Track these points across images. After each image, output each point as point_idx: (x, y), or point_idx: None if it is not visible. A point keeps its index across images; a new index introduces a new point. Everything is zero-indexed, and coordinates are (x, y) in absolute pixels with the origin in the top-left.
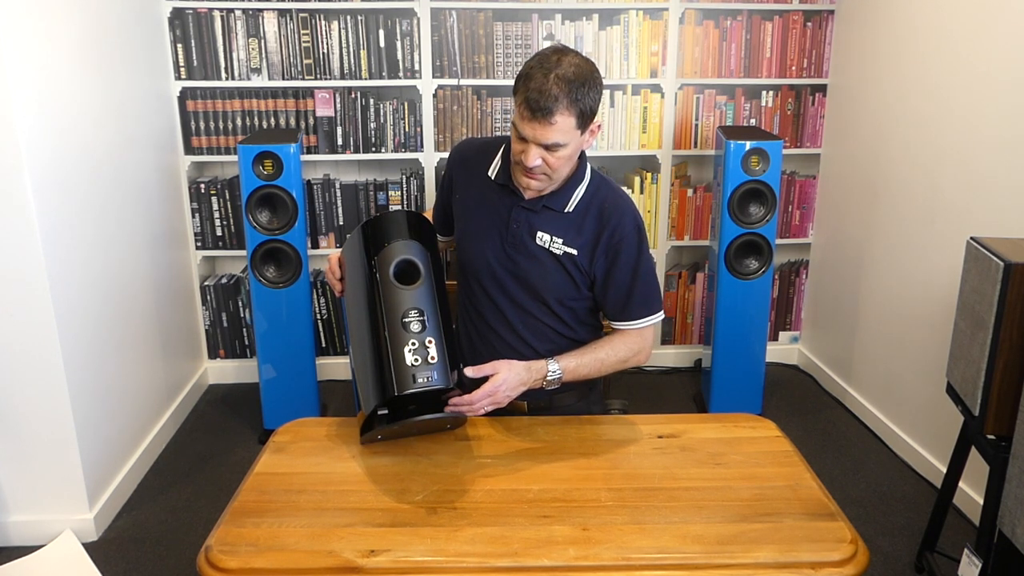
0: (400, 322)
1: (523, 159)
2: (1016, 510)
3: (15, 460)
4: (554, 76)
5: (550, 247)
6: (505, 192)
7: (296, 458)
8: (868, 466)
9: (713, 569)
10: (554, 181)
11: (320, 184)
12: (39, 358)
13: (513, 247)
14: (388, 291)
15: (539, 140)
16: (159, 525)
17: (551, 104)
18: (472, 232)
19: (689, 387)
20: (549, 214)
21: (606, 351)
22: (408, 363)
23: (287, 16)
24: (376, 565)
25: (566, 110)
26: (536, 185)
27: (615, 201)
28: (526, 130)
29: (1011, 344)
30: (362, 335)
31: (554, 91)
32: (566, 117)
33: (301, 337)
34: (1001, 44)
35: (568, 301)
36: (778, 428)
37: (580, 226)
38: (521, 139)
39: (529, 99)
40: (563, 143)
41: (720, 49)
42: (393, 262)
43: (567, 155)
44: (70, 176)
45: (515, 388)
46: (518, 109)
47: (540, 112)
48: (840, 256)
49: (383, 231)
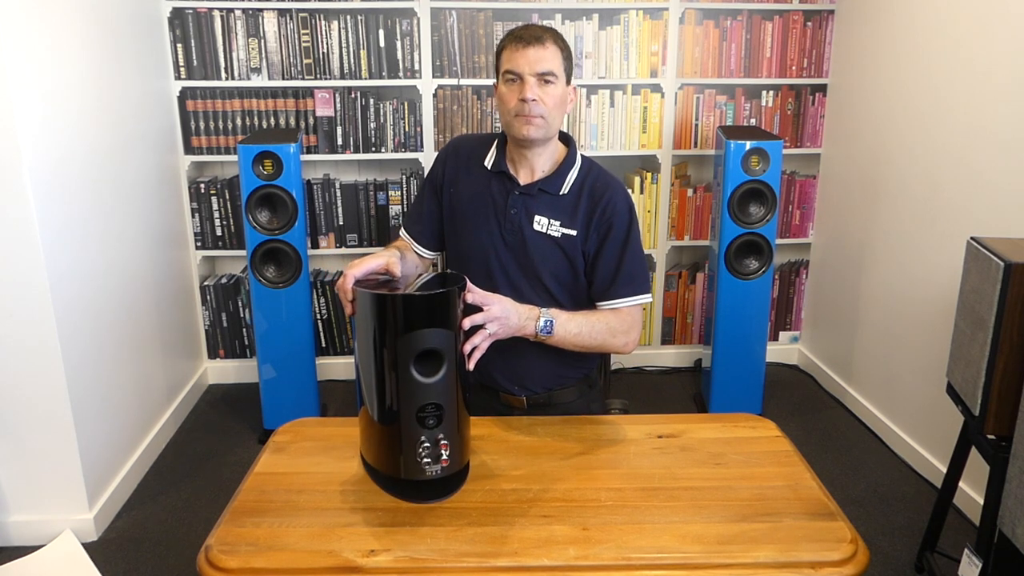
0: (415, 415)
1: (521, 95)
2: (1016, 510)
3: (15, 460)
4: (535, 24)
5: (548, 230)
6: (502, 180)
7: (296, 458)
8: (868, 466)
9: (713, 569)
10: (550, 128)
11: (320, 184)
12: (39, 358)
13: (512, 233)
14: (406, 378)
15: (534, 68)
16: (159, 525)
17: (540, 33)
18: (469, 222)
19: (689, 387)
20: (545, 198)
21: (596, 318)
22: (418, 455)
23: (287, 16)
24: (376, 565)
25: (553, 43)
26: (534, 131)
27: (607, 181)
28: (520, 63)
29: (1011, 344)
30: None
31: (540, 28)
32: (556, 49)
33: (301, 337)
34: (1001, 44)
35: (568, 285)
36: (778, 428)
37: (575, 207)
38: (512, 82)
39: (519, 35)
40: (556, 74)
41: (720, 49)
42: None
43: (559, 94)
44: (70, 176)
45: (510, 318)
46: (507, 53)
47: (534, 39)
48: (840, 256)
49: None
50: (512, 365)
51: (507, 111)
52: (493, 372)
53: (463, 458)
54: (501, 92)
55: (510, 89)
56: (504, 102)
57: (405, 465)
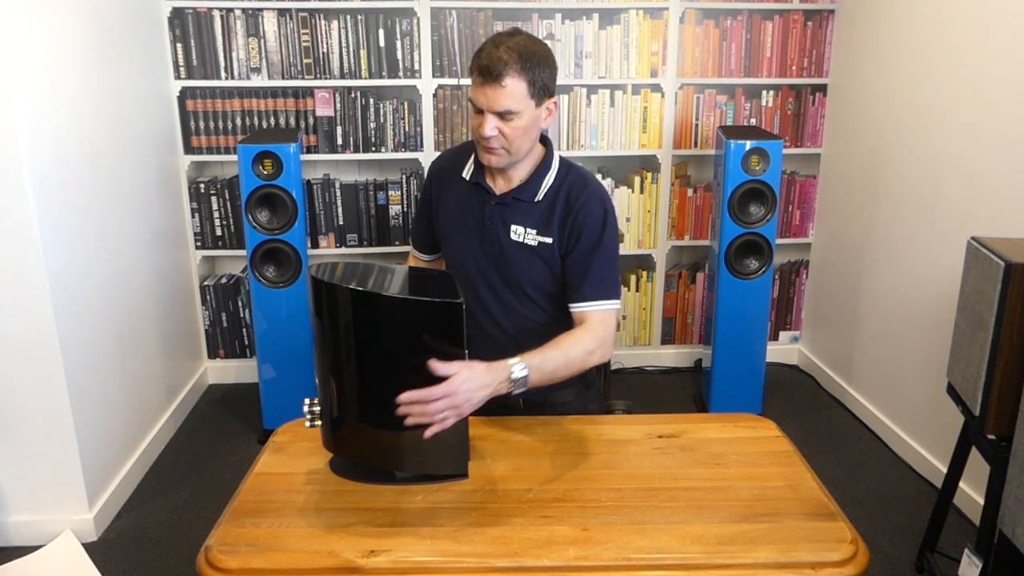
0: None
1: (480, 130)
2: (1016, 510)
3: (15, 460)
4: (504, 46)
5: (524, 239)
6: (478, 191)
7: (296, 458)
8: (868, 466)
9: (713, 569)
10: (514, 155)
11: (320, 184)
12: (39, 358)
13: (491, 243)
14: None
15: (492, 107)
16: (159, 525)
17: (501, 67)
18: (453, 234)
19: (689, 387)
20: (520, 206)
21: (569, 342)
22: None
23: (287, 16)
24: (376, 565)
25: (516, 75)
26: (495, 160)
27: (583, 185)
28: (479, 98)
29: (1011, 344)
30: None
31: (504, 57)
32: (517, 82)
33: (301, 337)
34: (1001, 44)
35: (550, 294)
36: (778, 428)
37: (551, 214)
38: (478, 112)
39: (480, 66)
40: (516, 110)
41: (720, 49)
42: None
43: (522, 126)
44: (70, 176)
45: (476, 391)
46: (472, 80)
47: (491, 76)
48: (840, 256)
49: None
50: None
51: (472, 127)
52: None
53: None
54: (471, 108)
55: (474, 116)
56: (471, 120)
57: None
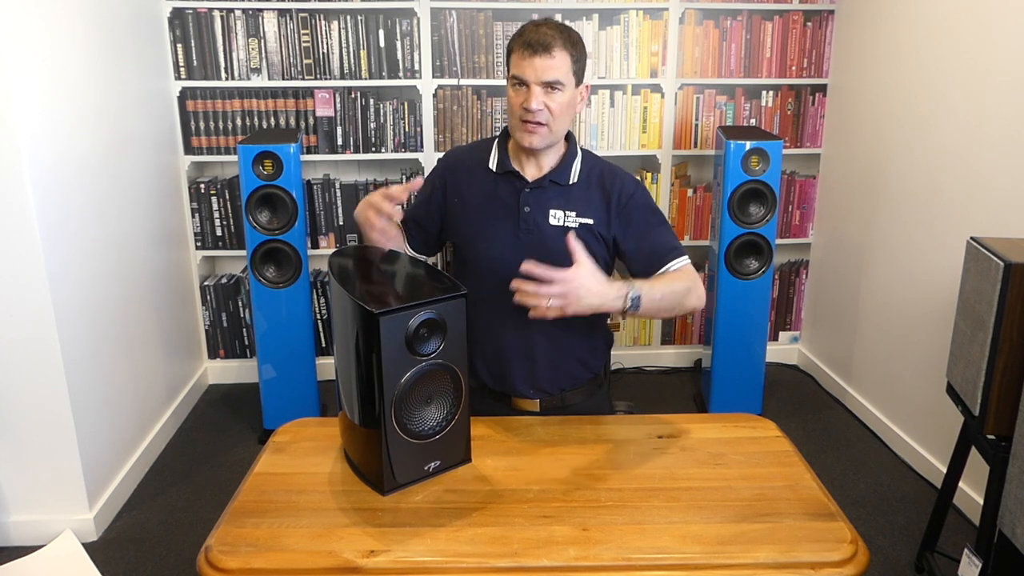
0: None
1: (525, 103)
2: (1016, 510)
3: (15, 460)
4: (546, 26)
5: (565, 222)
6: (508, 180)
7: (296, 458)
8: (868, 466)
9: (713, 569)
10: (554, 134)
11: (320, 184)
12: (39, 358)
13: (528, 232)
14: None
15: (540, 77)
16: (159, 525)
17: (549, 40)
18: (481, 228)
19: (689, 387)
20: (556, 189)
21: (670, 278)
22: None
23: (287, 16)
24: (376, 565)
25: (562, 49)
26: (538, 140)
27: (611, 168)
28: (526, 71)
29: (1011, 344)
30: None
31: (550, 32)
32: (564, 55)
33: (301, 337)
34: (1001, 44)
35: None
36: (778, 428)
37: (588, 196)
38: (519, 87)
39: (527, 40)
40: (563, 82)
41: (720, 49)
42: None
43: (566, 101)
44: (70, 176)
45: (589, 295)
46: (515, 58)
47: (541, 47)
48: (840, 256)
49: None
50: (527, 368)
51: (513, 114)
52: (507, 377)
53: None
54: (509, 94)
55: (517, 93)
56: (511, 105)
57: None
